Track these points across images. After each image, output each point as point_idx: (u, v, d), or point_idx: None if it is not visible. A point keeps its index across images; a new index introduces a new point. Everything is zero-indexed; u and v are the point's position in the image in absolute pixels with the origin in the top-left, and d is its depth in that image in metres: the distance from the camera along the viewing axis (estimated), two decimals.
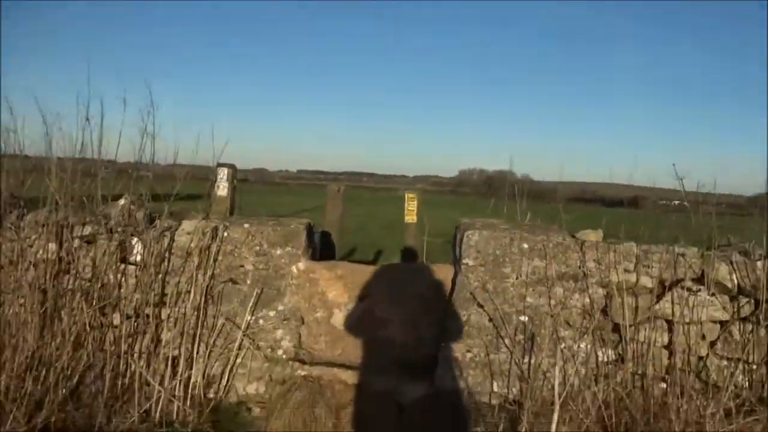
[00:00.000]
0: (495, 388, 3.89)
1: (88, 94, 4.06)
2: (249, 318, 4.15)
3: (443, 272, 4.26)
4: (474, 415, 3.75)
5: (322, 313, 4.28)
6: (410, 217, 6.02)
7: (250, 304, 4.12)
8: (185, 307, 4.00)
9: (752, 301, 3.97)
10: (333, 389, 4.01)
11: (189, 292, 4.03)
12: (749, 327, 3.95)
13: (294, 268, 4.22)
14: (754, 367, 3.91)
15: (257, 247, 4.22)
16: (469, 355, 3.91)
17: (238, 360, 4.15)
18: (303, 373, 4.06)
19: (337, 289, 4.26)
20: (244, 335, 4.13)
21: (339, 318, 4.28)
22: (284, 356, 4.15)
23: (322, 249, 6.05)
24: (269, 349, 4.16)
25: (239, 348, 4.13)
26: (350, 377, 4.04)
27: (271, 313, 4.19)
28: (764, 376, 3.90)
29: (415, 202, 6.03)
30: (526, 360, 3.85)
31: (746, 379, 3.92)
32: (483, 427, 3.64)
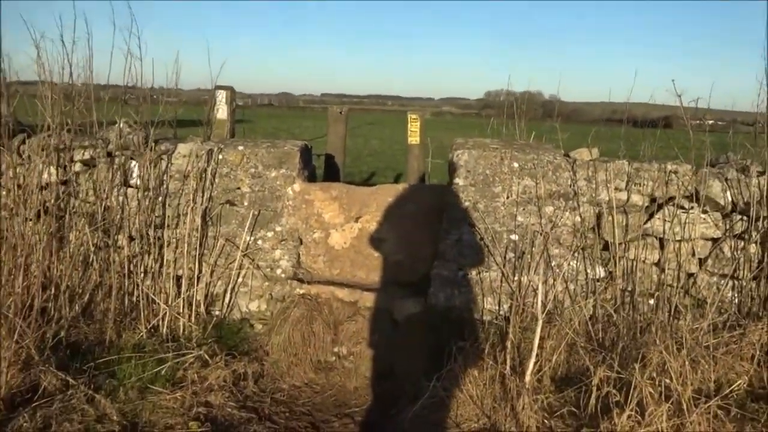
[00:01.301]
0: (486, 305, 4.00)
1: (74, 14, 4.01)
2: (248, 239, 4.26)
3: (438, 192, 4.29)
4: (465, 329, 3.88)
5: (319, 233, 4.37)
6: (413, 138, 5.98)
7: (248, 225, 4.22)
8: (186, 229, 4.11)
9: (746, 218, 3.95)
10: (330, 306, 4.16)
11: (189, 214, 4.13)
12: (741, 244, 3.96)
13: (290, 190, 4.28)
14: (743, 283, 3.94)
15: (252, 169, 4.27)
16: (461, 273, 3.99)
17: (240, 279, 4.30)
18: (301, 292, 4.20)
19: (332, 210, 4.33)
20: (243, 255, 4.26)
21: (336, 238, 4.37)
22: (283, 275, 4.29)
23: (326, 171, 6.10)
24: (269, 269, 4.30)
25: (240, 268, 4.27)
26: (347, 295, 4.17)
27: (269, 234, 4.30)
28: (753, 292, 3.94)
29: (418, 123, 5.97)
30: (517, 278, 3.93)
31: (735, 295, 3.97)
32: (473, 341, 3.77)
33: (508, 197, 3.93)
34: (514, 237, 3.94)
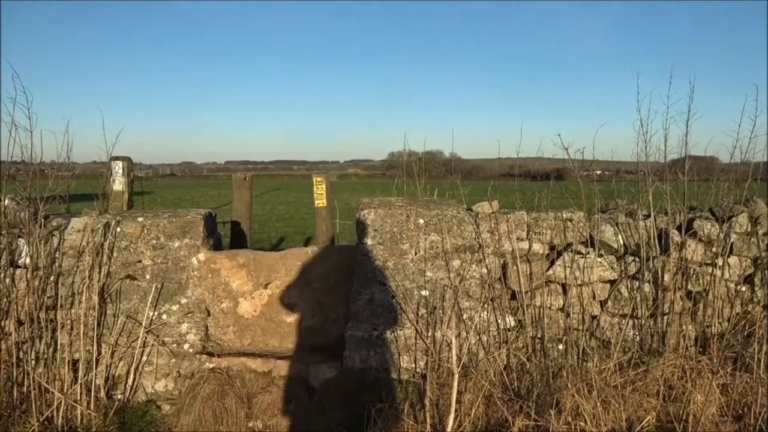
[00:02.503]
0: (403, 364, 3.96)
1: None
2: (151, 314, 4.05)
3: (347, 253, 4.28)
4: (383, 390, 3.81)
5: (227, 303, 4.23)
6: (320, 201, 5.98)
7: (151, 300, 4.02)
8: (81, 308, 3.85)
9: (638, 259, 4.19)
10: (243, 379, 3.98)
11: (84, 292, 3.88)
12: (636, 284, 4.18)
13: (194, 260, 4.13)
14: (642, 321, 4.14)
15: (154, 241, 4.10)
16: (375, 333, 3.95)
17: (144, 358, 4.06)
18: (211, 366, 4.02)
19: (240, 278, 4.21)
20: (147, 332, 4.03)
21: (245, 307, 4.24)
22: (191, 350, 4.08)
23: (233, 239, 5.96)
24: (175, 344, 4.08)
25: (143, 345, 4.03)
26: (260, 365, 4.02)
27: (174, 307, 4.10)
28: (651, 329, 4.15)
29: (324, 185, 5.99)
30: (431, 334, 3.94)
31: (636, 333, 4.16)
32: (391, 402, 3.71)
33: (416, 253, 3.98)
34: (424, 293, 3.96)
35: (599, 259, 4.14)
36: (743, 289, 4.32)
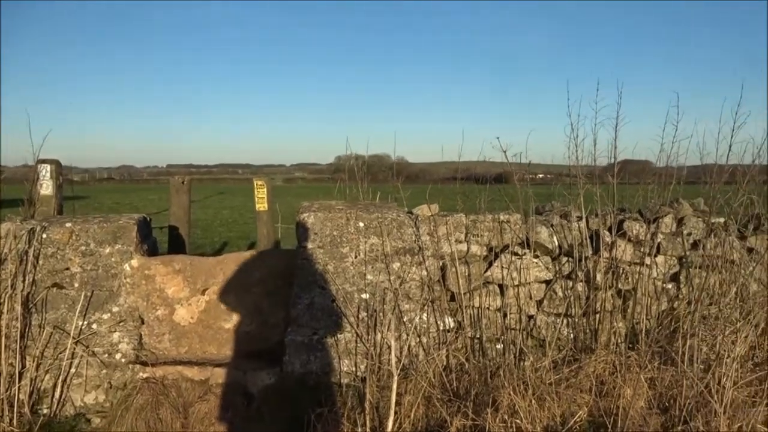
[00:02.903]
0: (343, 368, 3.94)
1: None
2: (80, 323, 3.88)
3: (287, 257, 4.23)
4: (323, 395, 3.78)
5: (163, 310, 4.10)
6: (261, 205, 5.89)
7: (80, 309, 3.85)
8: (3, 319, 3.65)
9: (571, 259, 4.32)
10: (179, 388, 3.87)
11: (6, 302, 3.68)
12: (570, 284, 4.31)
13: (127, 266, 3.99)
14: (576, 320, 4.27)
15: (83, 247, 3.93)
16: (315, 337, 3.92)
17: (72, 370, 3.88)
18: (145, 376, 3.88)
19: (176, 284, 4.09)
20: (76, 342, 3.86)
21: (182, 314, 4.12)
22: (123, 360, 3.93)
23: (171, 244, 5.80)
24: (106, 355, 3.92)
25: (72, 357, 3.85)
26: (197, 374, 3.91)
27: (105, 316, 3.95)
28: (584, 327, 4.28)
29: (265, 189, 5.91)
30: (371, 337, 3.94)
31: (570, 331, 4.28)
32: (331, 406, 3.68)
33: (356, 257, 3.97)
34: (365, 296, 3.96)
35: (535, 260, 4.24)
36: (669, 286, 4.52)
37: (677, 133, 4.30)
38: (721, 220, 4.65)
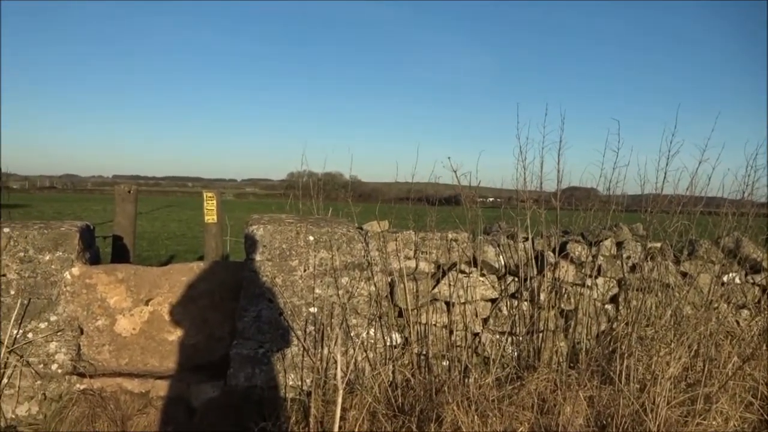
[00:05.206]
0: (289, 382, 3.91)
1: None
2: (15, 332, 3.74)
3: (235, 269, 4.19)
4: (268, 410, 3.74)
5: (103, 320, 3.99)
6: (210, 217, 5.82)
7: (15, 317, 3.71)
8: None
9: (517, 279, 4.43)
10: (117, 400, 3.76)
11: None
12: (515, 303, 4.41)
13: (67, 274, 3.88)
14: (520, 338, 4.37)
15: (21, 254, 3.80)
16: (261, 350, 3.88)
17: (4, 380, 3.72)
18: (82, 387, 3.76)
19: (118, 294, 4.00)
20: (9, 352, 3.72)
21: (123, 324, 4.02)
22: (60, 371, 3.80)
23: (115, 254, 5.65)
24: (41, 365, 3.79)
25: (5, 366, 3.71)
26: (137, 386, 3.82)
27: (42, 325, 3.81)
28: (528, 345, 4.38)
29: (214, 201, 5.85)
30: (318, 351, 3.93)
31: (514, 349, 4.37)
32: (276, 421, 3.65)
33: (305, 270, 3.97)
34: (313, 309, 3.96)
35: (482, 279, 4.33)
36: (609, 307, 4.68)
37: (618, 160, 4.48)
38: (658, 245, 4.85)
